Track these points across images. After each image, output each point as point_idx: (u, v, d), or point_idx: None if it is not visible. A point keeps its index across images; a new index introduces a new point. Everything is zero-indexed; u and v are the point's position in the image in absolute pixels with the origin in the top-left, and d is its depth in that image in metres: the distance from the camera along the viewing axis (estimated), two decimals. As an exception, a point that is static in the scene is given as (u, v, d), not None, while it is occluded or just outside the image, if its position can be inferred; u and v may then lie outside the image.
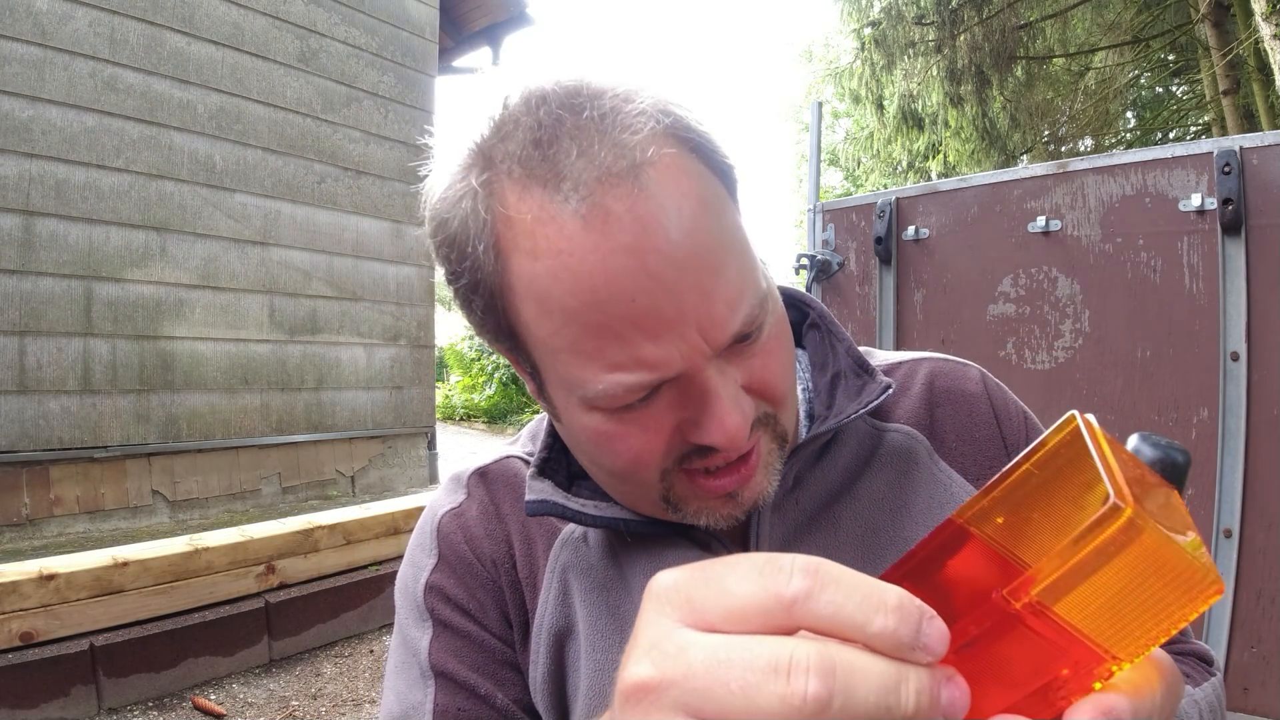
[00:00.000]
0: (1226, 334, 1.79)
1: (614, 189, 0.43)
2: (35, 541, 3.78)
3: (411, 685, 0.60)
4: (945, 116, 10.13)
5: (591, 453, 0.52)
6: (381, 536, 3.53)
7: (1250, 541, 1.75)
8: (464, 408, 11.40)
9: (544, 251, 0.44)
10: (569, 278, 0.44)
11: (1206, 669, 0.62)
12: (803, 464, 0.60)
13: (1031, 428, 0.65)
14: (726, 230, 0.47)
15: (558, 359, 0.47)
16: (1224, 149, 1.79)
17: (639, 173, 0.43)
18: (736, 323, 0.46)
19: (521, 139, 0.44)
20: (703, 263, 0.45)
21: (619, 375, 0.45)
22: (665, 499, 0.53)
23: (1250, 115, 9.23)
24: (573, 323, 0.45)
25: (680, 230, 0.44)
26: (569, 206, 0.43)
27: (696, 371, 0.46)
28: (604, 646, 0.58)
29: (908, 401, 0.64)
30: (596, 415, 0.49)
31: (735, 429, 0.47)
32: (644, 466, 0.50)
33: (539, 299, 0.45)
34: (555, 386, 0.50)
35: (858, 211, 2.45)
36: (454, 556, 0.62)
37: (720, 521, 0.53)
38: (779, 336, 0.52)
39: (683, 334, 0.45)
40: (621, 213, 0.43)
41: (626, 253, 0.43)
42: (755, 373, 0.50)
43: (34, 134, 3.86)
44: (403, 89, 5.71)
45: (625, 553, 0.60)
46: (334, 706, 2.72)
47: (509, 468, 0.66)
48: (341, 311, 5.33)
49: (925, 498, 0.61)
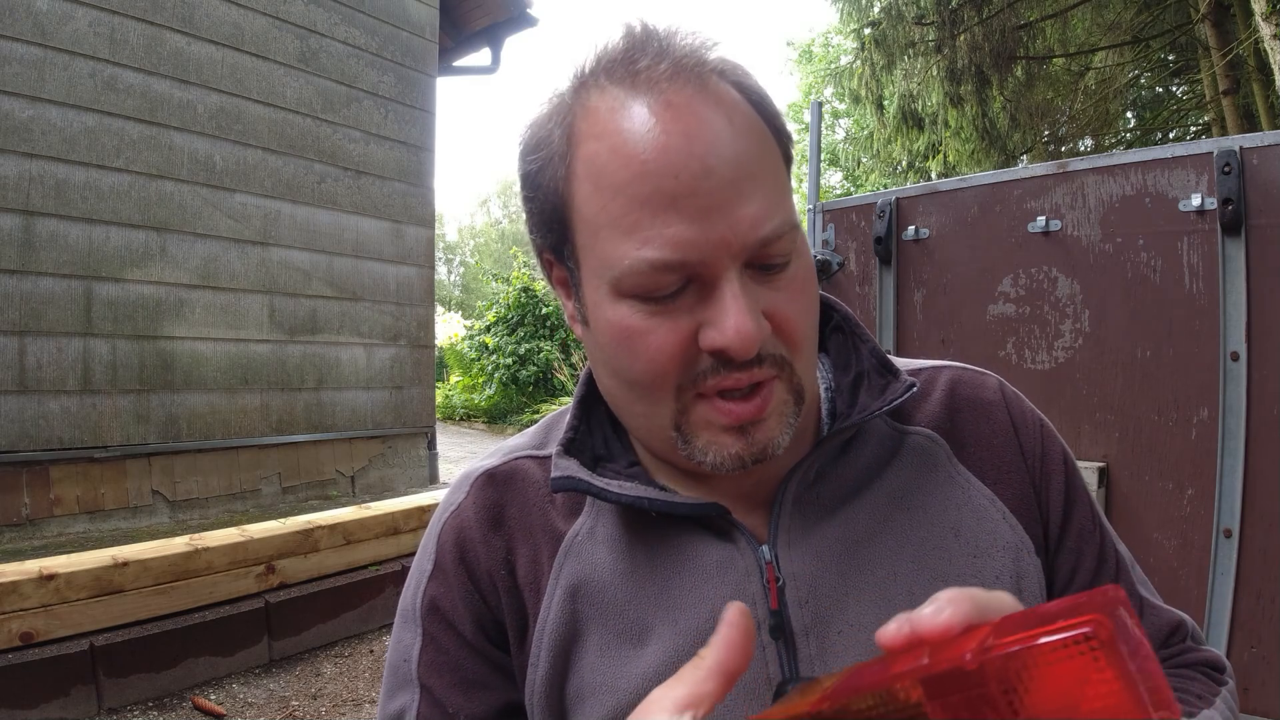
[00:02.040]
0: (1226, 334, 1.79)
1: (680, 86, 0.49)
2: (35, 541, 3.78)
3: (402, 686, 0.63)
4: (945, 116, 10.12)
5: (616, 353, 0.54)
6: (381, 536, 3.53)
7: (1250, 541, 1.75)
8: (464, 408, 11.40)
9: (609, 133, 0.50)
10: (625, 152, 0.49)
11: (1218, 677, 0.62)
12: (825, 459, 0.61)
13: (1048, 437, 0.66)
14: (769, 158, 0.52)
15: (599, 237, 0.52)
16: (1224, 149, 1.79)
17: (705, 78, 0.50)
18: (763, 230, 0.50)
19: (611, 57, 0.52)
20: (743, 168, 0.49)
21: (647, 251, 0.49)
22: (677, 427, 0.54)
23: (1250, 115, 9.23)
24: (620, 195, 0.49)
25: (730, 133, 0.49)
26: (639, 97, 0.50)
27: (719, 270, 0.50)
28: (608, 648, 0.58)
29: (929, 406, 0.66)
30: (624, 306, 0.52)
31: (746, 331, 0.49)
32: (663, 370, 0.52)
33: (595, 176, 0.51)
34: (591, 277, 0.54)
35: (858, 211, 2.45)
36: (449, 564, 0.63)
37: (729, 461, 0.54)
38: (805, 284, 0.55)
39: (713, 222, 0.49)
40: (682, 104, 0.49)
41: (680, 135, 0.48)
42: (778, 305, 0.52)
43: (34, 134, 3.86)
44: (403, 89, 5.71)
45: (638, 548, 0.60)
46: (334, 706, 2.72)
47: (518, 468, 0.66)
48: (341, 311, 5.33)
49: (941, 497, 0.61)
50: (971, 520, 0.61)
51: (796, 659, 0.56)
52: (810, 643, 0.56)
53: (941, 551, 0.59)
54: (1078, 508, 0.65)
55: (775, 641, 0.56)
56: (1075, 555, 0.64)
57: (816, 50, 21.31)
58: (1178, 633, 0.64)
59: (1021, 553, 0.61)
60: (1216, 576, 1.78)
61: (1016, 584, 0.60)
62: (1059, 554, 0.64)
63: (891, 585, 0.57)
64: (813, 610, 0.57)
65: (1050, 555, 0.63)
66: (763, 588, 0.57)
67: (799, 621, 0.56)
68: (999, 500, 0.62)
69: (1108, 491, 1.96)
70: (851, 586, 0.57)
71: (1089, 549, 0.64)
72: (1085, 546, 0.64)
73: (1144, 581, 0.67)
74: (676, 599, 0.58)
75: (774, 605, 0.56)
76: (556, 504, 0.63)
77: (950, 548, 0.59)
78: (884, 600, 0.57)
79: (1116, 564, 0.65)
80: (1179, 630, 0.65)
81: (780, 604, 0.56)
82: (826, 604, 0.57)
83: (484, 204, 45.15)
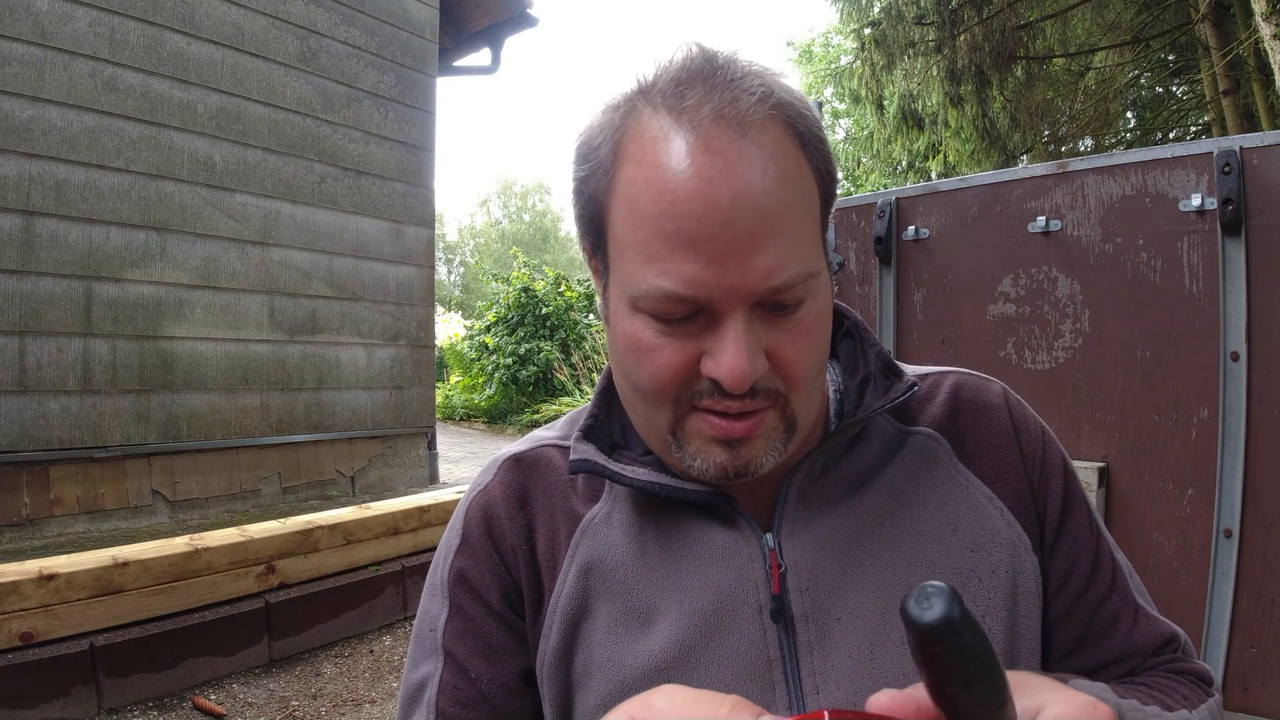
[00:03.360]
0: (1226, 334, 1.79)
1: (721, 131, 0.51)
2: (35, 541, 3.78)
3: (426, 655, 0.66)
4: (945, 116, 10.12)
5: (626, 359, 0.58)
6: (381, 536, 3.53)
7: (1250, 541, 1.75)
8: (464, 408, 11.40)
9: (649, 163, 0.53)
10: (658, 188, 0.52)
11: (1205, 689, 0.63)
12: (830, 455, 0.64)
13: (1049, 443, 0.68)
14: (798, 208, 0.54)
15: (625, 257, 0.55)
16: (1224, 149, 1.79)
17: (746, 126, 0.52)
18: (774, 281, 0.52)
19: (669, 79, 0.54)
20: (765, 219, 0.51)
21: (663, 281, 0.52)
22: (672, 432, 0.58)
23: (1250, 115, 9.23)
24: (646, 226, 0.53)
25: (761, 184, 0.51)
26: (682, 134, 0.52)
27: (727, 309, 0.52)
28: (615, 626, 0.62)
29: (932, 408, 0.68)
30: (638, 321, 0.56)
31: (740, 369, 0.52)
32: (664, 384, 0.56)
33: (630, 201, 0.54)
34: (615, 286, 0.58)
35: (858, 211, 2.45)
36: (475, 538, 0.67)
37: (713, 470, 0.57)
38: (813, 327, 0.56)
39: (726, 268, 0.51)
40: (718, 150, 0.51)
41: (708, 182, 0.51)
42: (782, 346, 0.55)
43: (34, 134, 3.86)
44: (403, 89, 5.71)
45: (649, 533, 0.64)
46: (334, 706, 2.72)
47: (542, 455, 0.70)
48: (341, 311, 5.33)
49: (940, 494, 0.64)
50: (970, 516, 0.62)
51: (796, 642, 0.59)
52: (809, 628, 0.59)
53: (939, 546, 0.61)
54: (1074, 514, 0.66)
55: (776, 624, 0.59)
56: (1069, 561, 0.65)
57: (816, 50, 21.31)
58: (1170, 645, 0.65)
59: (1018, 549, 0.62)
60: (1216, 576, 1.78)
61: (1012, 579, 0.61)
62: (1052, 558, 0.65)
63: (889, 576, 0.60)
64: (813, 597, 0.59)
65: (1044, 558, 0.65)
66: (765, 573, 0.60)
67: (799, 607, 0.59)
68: (997, 499, 0.64)
69: (1108, 491, 1.96)
70: (851, 576, 0.60)
71: (1083, 556, 0.65)
72: (1080, 553, 0.65)
73: (1141, 591, 0.68)
74: (682, 581, 0.61)
75: (775, 590, 0.59)
76: (577, 489, 0.67)
77: (948, 542, 0.61)
78: (881, 590, 0.59)
79: (1113, 573, 0.66)
80: (1171, 643, 0.66)
81: (781, 589, 0.60)
82: (826, 591, 0.60)
83: (484, 204, 45.12)
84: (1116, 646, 0.64)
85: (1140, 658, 0.64)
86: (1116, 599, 0.65)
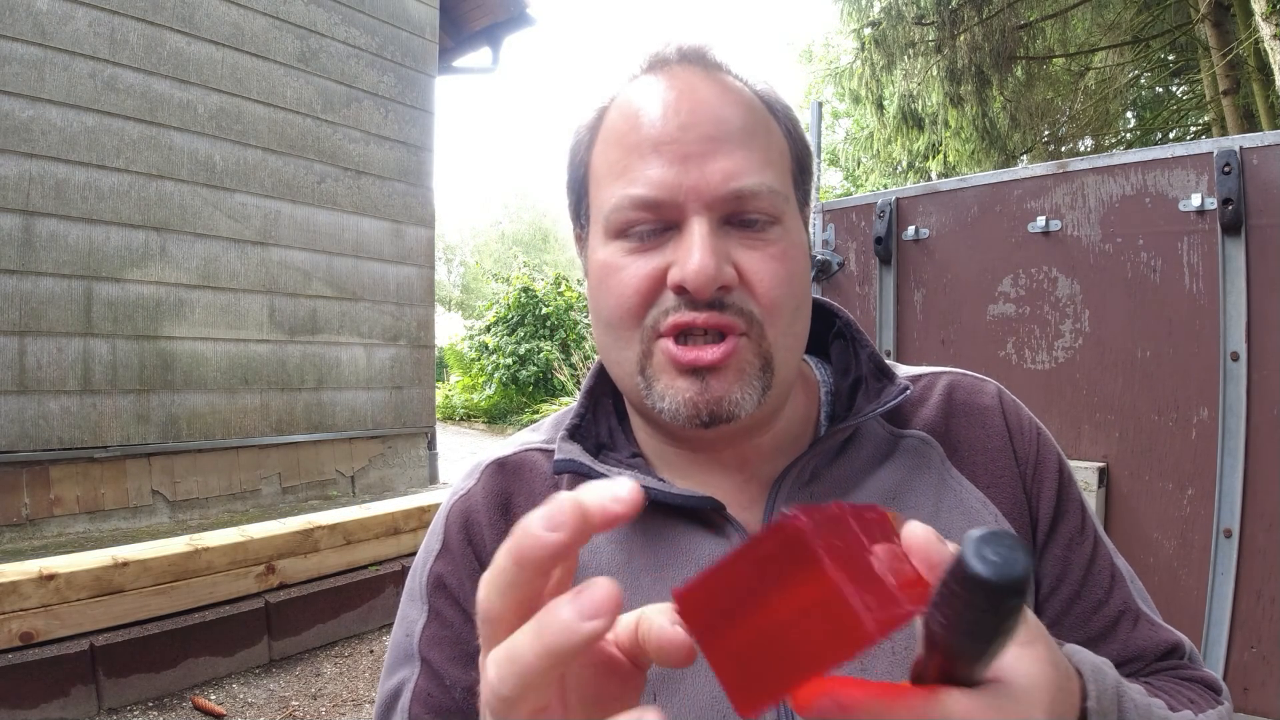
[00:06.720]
0: (1226, 334, 1.79)
1: (688, 66, 0.58)
2: (35, 541, 3.78)
3: (403, 661, 0.65)
4: (945, 116, 10.12)
5: (596, 297, 0.60)
6: (381, 537, 3.53)
7: (1250, 541, 1.75)
8: (464, 408, 11.40)
9: (623, 105, 0.59)
10: (627, 110, 0.58)
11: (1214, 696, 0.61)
12: (820, 459, 0.62)
13: (1044, 444, 0.66)
14: (760, 135, 0.57)
15: (601, 186, 0.58)
16: (1224, 149, 1.79)
17: (713, 68, 0.59)
18: (735, 184, 0.54)
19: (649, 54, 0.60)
20: (725, 127, 0.55)
21: (631, 189, 0.55)
22: (641, 370, 0.57)
23: (1250, 115, 9.22)
24: (618, 145, 0.57)
25: (719, 101, 0.56)
26: (654, 76, 0.58)
27: (691, 214, 0.54)
28: None
29: (925, 411, 0.67)
30: (611, 246, 0.57)
31: (704, 268, 0.52)
32: (629, 308, 0.56)
33: (606, 134, 0.59)
34: (594, 224, 0.60)
35: (858, 211, 2.45)
36: (455, 543, 0.66)
37: (683, 409, 0.55)
38: (785, 255, 0.57)
39: (688, 168, 0.54)
40: (683, 76, 0.57)
41: (673, 93, 0.56)
42: (751, 263, 0.55)
43: (34, 134, 3.86)
44: (403, 89, 5.71)
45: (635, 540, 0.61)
46: (334, 706, 2.72)
47: (526, 459, 0.69)
48: (341, 311, 5.33)
49: (933, 499, 0.62)
50: (962, 522, 0.61)
51: None
52: None
53: None
54: (1068, 517, 0.64)
55: None
56: (1062, 563, 0.63)
57: (817, 50, 21.30)
58: (1174, 652, 0.64)
59: None
60: (1216, 576, 1.78)
61: None
62: (1044, 561, 0.64)
63: None
64: None
65: (1037, 561, 0.64)
66: None
67: None
68: (991, 503, 0.63)
69: (1108, 491, 1.96)
70: None
71: (1076, 558, 0.64)
72: (1073, 555, 0.64)
73: (1144, 597, 0.66)
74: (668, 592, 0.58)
75: None
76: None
77: None
78: None
79: (1111, 577, 0.64)
80: (1176, 650, 0.64)
81: None
82: None
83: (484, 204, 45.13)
84: (1114, 651, 0.62)
85: (1142, 662, 0.62)
86: (1114, 603, 0.63)
